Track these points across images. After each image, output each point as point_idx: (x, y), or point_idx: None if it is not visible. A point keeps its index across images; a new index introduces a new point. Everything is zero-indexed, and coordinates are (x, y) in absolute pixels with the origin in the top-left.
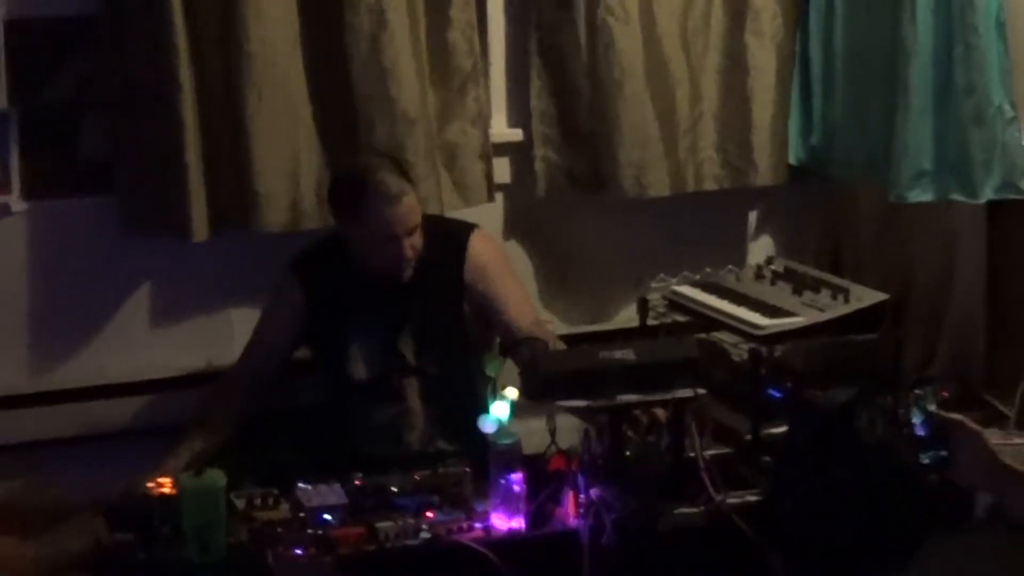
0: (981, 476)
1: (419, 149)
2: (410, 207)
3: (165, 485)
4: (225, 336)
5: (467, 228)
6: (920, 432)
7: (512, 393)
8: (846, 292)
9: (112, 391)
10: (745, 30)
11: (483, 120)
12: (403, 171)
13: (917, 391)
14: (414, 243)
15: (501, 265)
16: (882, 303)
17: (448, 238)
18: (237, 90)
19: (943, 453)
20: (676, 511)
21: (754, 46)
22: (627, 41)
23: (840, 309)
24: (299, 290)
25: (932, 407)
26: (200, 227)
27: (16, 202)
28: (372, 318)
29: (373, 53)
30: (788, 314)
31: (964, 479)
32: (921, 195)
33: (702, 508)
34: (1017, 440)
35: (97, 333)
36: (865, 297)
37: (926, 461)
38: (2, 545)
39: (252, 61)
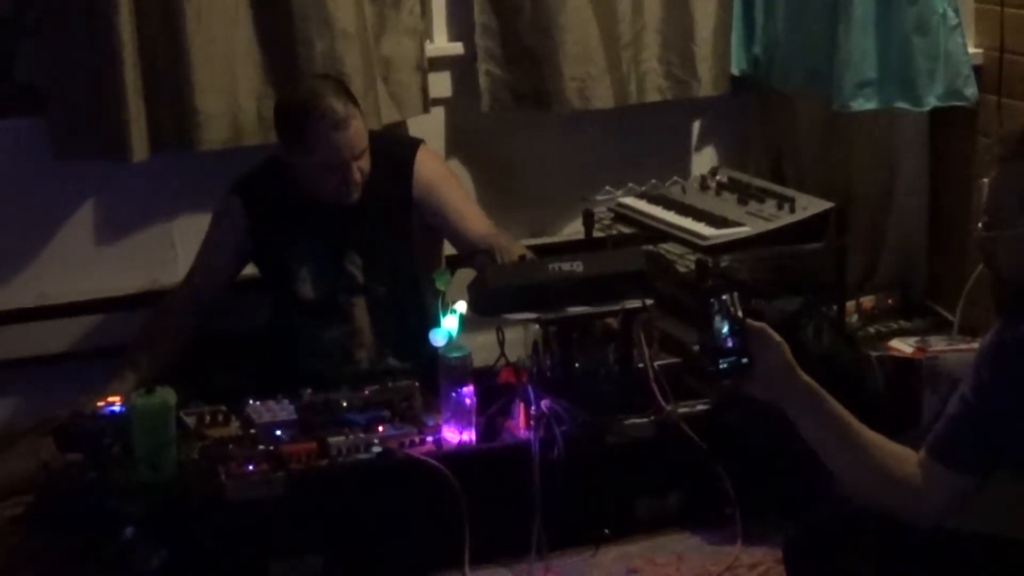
0: (776, 389)
1: (357, 64)
2: (357, 132)
3: (115, 404)
4: (169, 256)
5: (412, 145)
6: (726, 341)
7: (461, 307)
8: (791, 201)
9: (54, 312)
10: None
11: (418, 33)
12: (348, 94)
13: (724, 296)
14: (362, 166)
15: (449, 178)
16: (827, 212)
17: (394, 156)
18: (175, 8)
19: (744, 361)
20: (625, 422)
21: None
22: None
23: (785, 218)
24: (242, 212)
25: (739, 313)
26: (139, 147)
27: None
28: (319, 238)
29: None
30: (734, 224)
31: (760, 390)
32: (865, 104)
33: (651, 419)
34: (962, 346)
35: (38, 255)
36: (810, 206)
37: (724, 366)
38: None
39: None
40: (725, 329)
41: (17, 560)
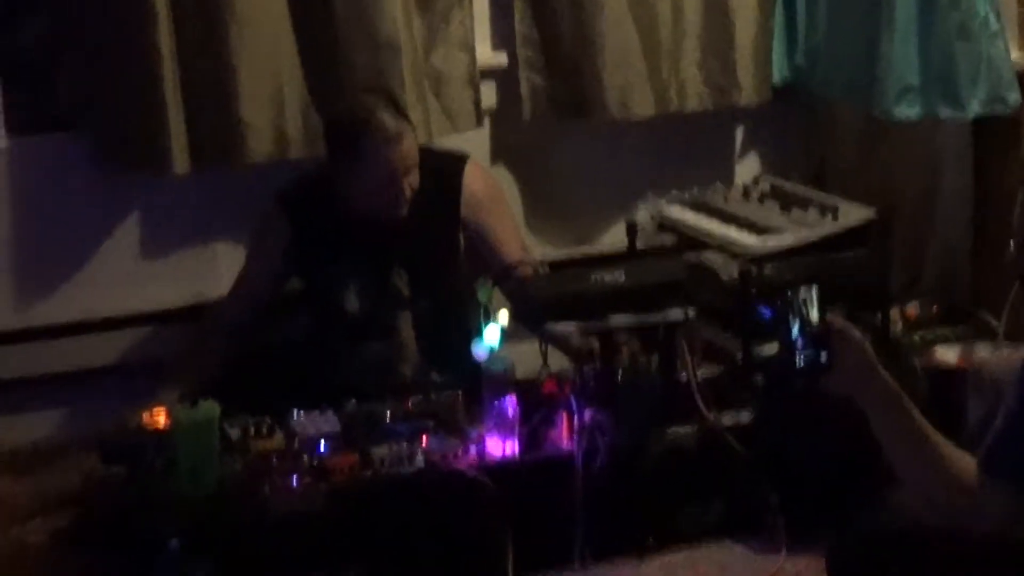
0: (854, 386)
1: (404, 76)
2: (409, 147)
3: (158, 418)
4: (212, 270)
5: (460, 160)
6: (806, 337)
7: (504, 318)
8: (835, 209)
9: (99, 326)
10: None
11: (469, 46)
12: (400, 108)
13: (802, 292)
14: (411, 181)
15: (495, 197)
16: (870, 219)
17: (442, 171)
18: (217, 19)
19: (821, 358)
20: (668, 432)
21: None
22: None
23: (829, 226)
24: (287, 224)
25: (813, 311)
26: (181, 160)
27: None
28: (364, 253)
29: None
30: (777, 232)
31: (841, 387)
32: (907, 111)
33: (694, 428)
34: (1006, 352)
35: (82, 269)
36: (853, 214)
37: (800, 364)
38: None
39: None
40: (804, 325)
41: (60, 574)
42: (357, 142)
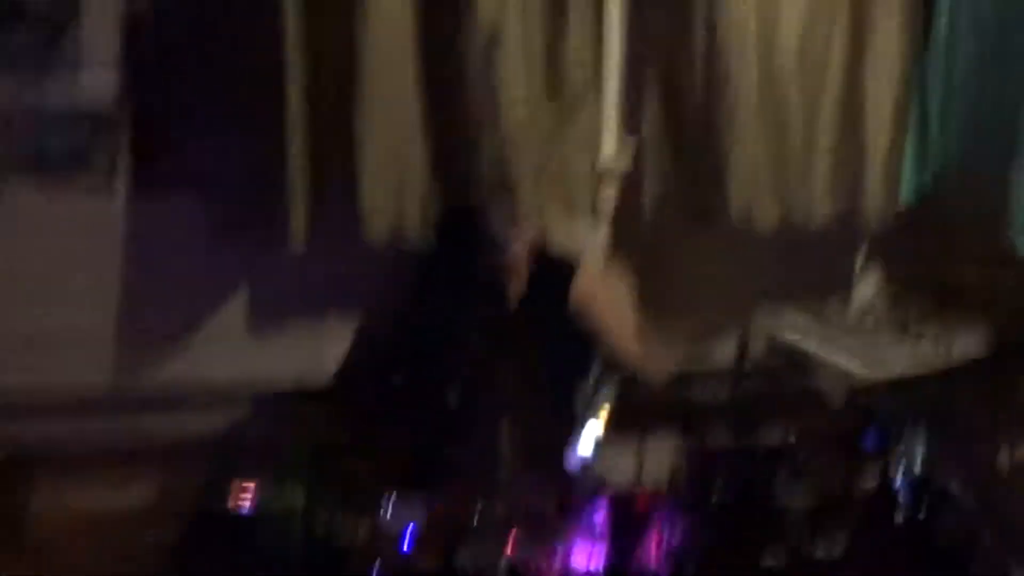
0: None
1: (526, 170)
2: (519, 248)
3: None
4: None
5: (572, 261)
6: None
7: (599, 425)
8: (949, 342)
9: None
10: (864, 66)
11: (593, 143)
12: (516, 207)
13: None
14: (520, 280)
15: (605, 302)
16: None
17: (552, 275)
18: (349, 97)
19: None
20: (761, 563)
21: (872, 87)
22: (743, 74)
23: (941, 360)
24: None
25: (918, 462)
26: (298, 236)
27: (118, 197)
28: (470, 349)
29: (484, 70)
30: (888, 363)
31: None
32: None
33: (785, 562)
34: None
35: (190, 338)
36: (969, 349)
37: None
38: None
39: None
40: (907, 474)
41: None
42: (467, 238)
